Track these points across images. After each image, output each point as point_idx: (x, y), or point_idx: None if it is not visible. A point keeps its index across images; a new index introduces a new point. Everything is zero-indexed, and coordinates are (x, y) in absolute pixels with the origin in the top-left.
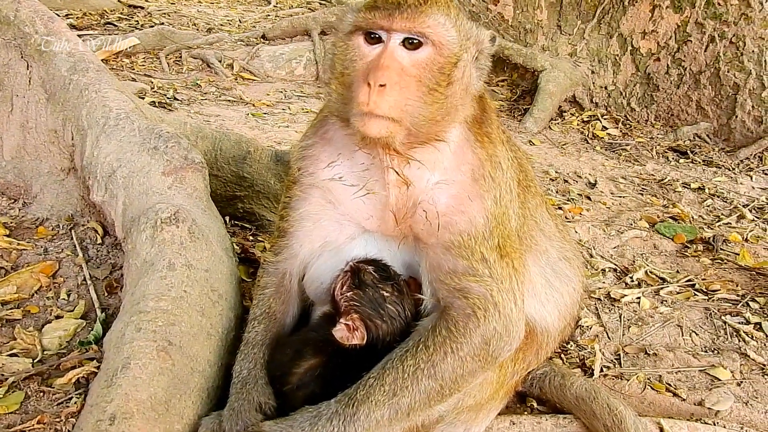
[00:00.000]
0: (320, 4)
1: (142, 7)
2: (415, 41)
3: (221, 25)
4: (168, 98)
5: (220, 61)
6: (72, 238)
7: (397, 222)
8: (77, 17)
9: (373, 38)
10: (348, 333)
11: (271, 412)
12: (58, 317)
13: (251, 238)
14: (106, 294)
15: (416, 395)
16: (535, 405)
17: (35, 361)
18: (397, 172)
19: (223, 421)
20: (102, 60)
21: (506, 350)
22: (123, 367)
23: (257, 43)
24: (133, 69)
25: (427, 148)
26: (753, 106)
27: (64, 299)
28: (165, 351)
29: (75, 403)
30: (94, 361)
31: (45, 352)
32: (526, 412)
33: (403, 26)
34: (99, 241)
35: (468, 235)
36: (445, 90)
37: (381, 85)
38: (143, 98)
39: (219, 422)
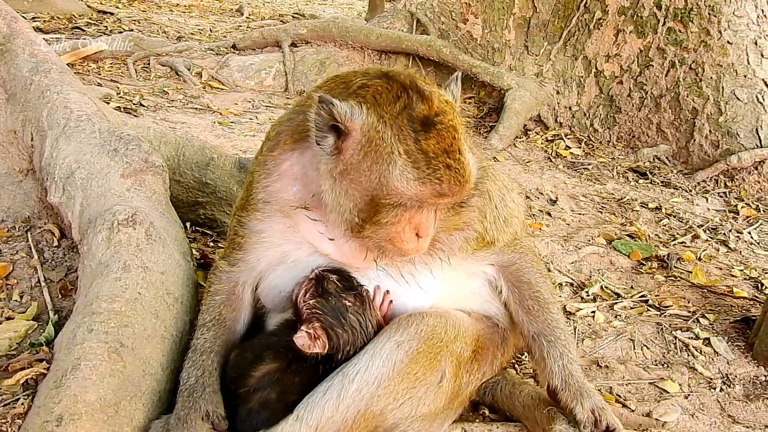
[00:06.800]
0: (292, 17)
1: (112, 13)
2: None
3: (192, 33)
4: (134, 104)
5: (188, 70)
6: (28, 240)
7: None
8: (44, 21)
9: None
10: (309, 341)
11: (219, 420)
12: (9, 318)
13: (212, 244)
14: (60, 296)
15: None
16: (487, 413)
17: None
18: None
19: (170, 429)
20: (68, 64)
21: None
22: (73, 368)
23: (227, 53)
24: (100, 74)
25: None
26: (710, 131)
27: (16, 301)
28: (116, 353)
29: (22, 404)
30: (44, 362)
31: None
32: (477, 420)
33: (457, 200)
34: (55, 243)
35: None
36: None
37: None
38: (108, 103)
39: (168, 428)
